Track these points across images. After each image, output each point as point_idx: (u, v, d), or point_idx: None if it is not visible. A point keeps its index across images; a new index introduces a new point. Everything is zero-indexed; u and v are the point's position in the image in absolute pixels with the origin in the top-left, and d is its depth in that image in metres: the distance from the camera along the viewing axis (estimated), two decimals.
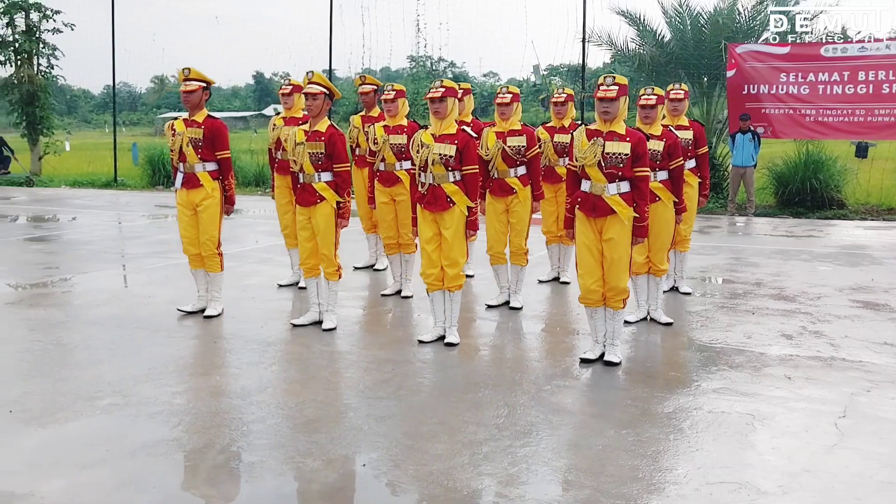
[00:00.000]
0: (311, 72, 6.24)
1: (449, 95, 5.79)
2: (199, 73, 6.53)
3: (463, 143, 5.79)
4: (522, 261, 7.05)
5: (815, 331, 6.36)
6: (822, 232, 11.88)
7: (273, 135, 7.83)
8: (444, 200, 5.79)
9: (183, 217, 6.68)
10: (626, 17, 16.13)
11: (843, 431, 4.33)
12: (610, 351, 5.53)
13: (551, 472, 3.86)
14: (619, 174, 5.31)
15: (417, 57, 24.86)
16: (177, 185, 6.68)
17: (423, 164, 5.82)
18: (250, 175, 18.85)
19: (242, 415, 4.55)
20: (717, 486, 3.70)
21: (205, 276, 6.77)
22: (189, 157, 6.53)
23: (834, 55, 13.37)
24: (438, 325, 6.04)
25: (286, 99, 7.77)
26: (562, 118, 7.81)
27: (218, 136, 6.57)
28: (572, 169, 5.52)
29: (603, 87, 5.29)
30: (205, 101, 6.62)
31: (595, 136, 5.35)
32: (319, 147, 6.14)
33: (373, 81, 8.19)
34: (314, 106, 6.14)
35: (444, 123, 5.83)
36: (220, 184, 6.64)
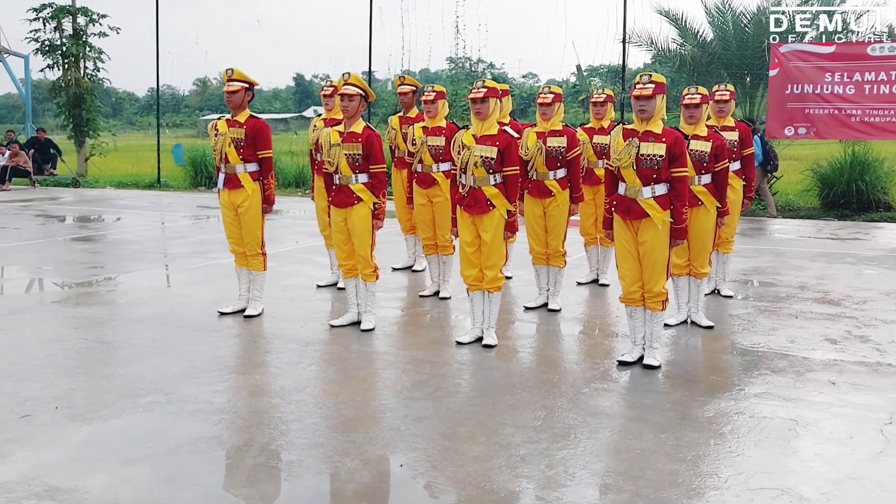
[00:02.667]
0: (348, 73, 6.24)
1: (491, 96, 5.74)
2: (242, 73, 6.56)
3: (504, 145, 5.72)
4: (560, 262, 6.99)
5: (861, 335, 6.23)
6: (868, 234, 11.65)
7: (313, 136, 7.85)
8: (484, 203, 5.74)
9: (226, 217, 6.74)
10: (667, 17, 15.97)
11: (890, 438, 4.24)
12: (649, 354, 5.47)
13: (589, 476, 3.83)
14: (654, 176, 5.22)
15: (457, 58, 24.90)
16: (219, 185, 6.73)
17: (464, 166, 5.77)
18: (290, 176, 19.00)
19: (281, 414, 4.59)
20: (758, 492, 3.64)
21: (247, 275, 6.81)
22: (231, 158, 6.56)
23: (881, 54, 13.09)
24: (476, 326, 6.01)
25: (328, 100, 7.78)
26: (601, 119, 7.74)
27: (260, 136, 6.59)
28: (611, 170, 5.46)
29: (639, 86, 5.21)
30: (248, 101, 6.64)
31: (631, 136, 5.28)
32: (356, 148, 6.13)
33: (412, 82, 8.18)
34: (350, 107, 6.13)
35: (485, 124, 5.78)
36: (260, 184, 6.66)
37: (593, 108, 7.82)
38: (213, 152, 6.76)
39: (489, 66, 45.96)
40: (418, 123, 7.45)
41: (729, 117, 7.06)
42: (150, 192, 19.04)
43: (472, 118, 5.87)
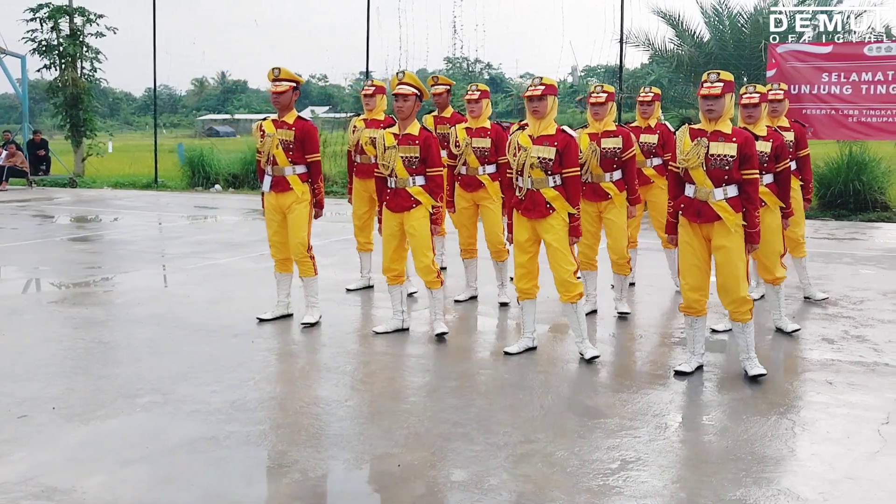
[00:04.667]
0: (402, 71, 6.08)
1: (549, 94, 5.47)
2: (289, 72, 6.32)
3: (563, 145, 5.43)
4: (626, 270, 6.74)
5: (858, 335, 6.24)
6: (865, 234, 11.67)
7: (353, 137, 7.58)
8: (543, 206, 5.46)
9: (272, 221, 6.50)
10: (664, 18, 16.02)
11: (887, 438, 4.24)
12: (750, 365, 5.20)
13: (586, 476, 3.82)
14: (725, 177, 5.03)
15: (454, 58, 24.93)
16: (265, 188, 6.48)
17: (520, 168, 5.50)
18: None
19: (280, 414, 4.59)
20: (755, 491, 3.65)
21: (289, 281, 6.64)
22: (279, 160, 6.34)
23: (878, 54, 13.12)
24: (527, 335, 5.78)
25: (368, 100, 7.49)
26: (647, 118, 7.48)
27: (309, 138, 6.37)
28: (675, 171, 5.27)
29: (707, 84, 5.01)
30: (294, 101, 6.43)
31: (699, 136, 5.10)
32: (413, 151, 5.94)
33: (446, 81, 7.94)
34: (405, 108, 5.94)
35: (542, 124, 5.50)
36: (310, 187, 6.44)
37: (640, 106, 7.52)
38: (258, 154, 6.53)
39: (487, 66, 46.02)
40: (461, 125, 7.13)
41: (783, 117, 6.83)
42: (148, 193, 19.03)
43: (528, 117, 5.59)
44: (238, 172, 19.41)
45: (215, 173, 19.58)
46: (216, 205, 16.20)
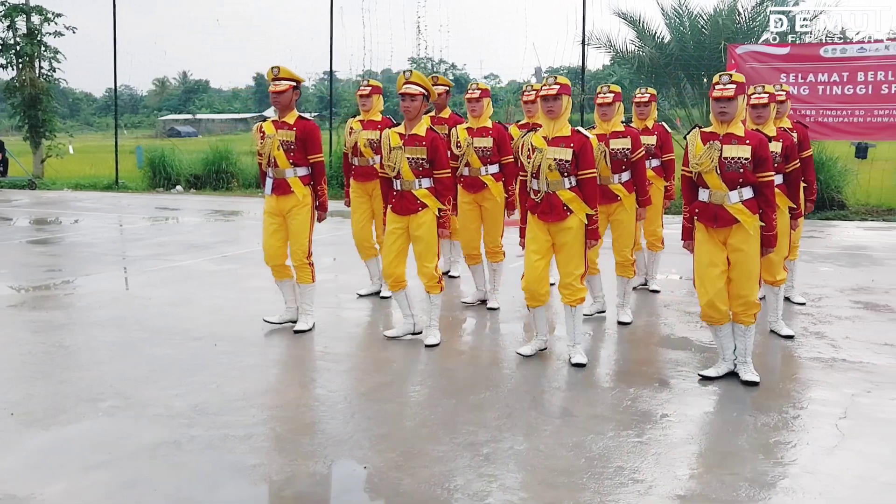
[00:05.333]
0: (409, 71, 5.95)
1: (564, 93, 5.32)
2: (288, 71, 6.11)
3: (579, 146, 5.31)
4: (629, 272, 6.63)
5: (817, 332, 6.36)
6: (822, 233, 11.88)
7: (350, 139, 7.38)
8: (560, 209, 5.33)
9: (269, 226, 6.26)
10: (625, 19, 16.14)
11: (844, 433, 4.33)
12: (744, 370, 5.15)
13: (551, 474, 3.85)
14: (740, 180, 4.94)
15: (418, 59, 24.90)
16: (266, 191, 6.29)
17: (535, 170, 5.37)
18: (250, 177, 18.88)
19: (243, 417, 4.56)
20: (717, 485, 3.70)
21: (292, 288, 6.42)
22: (280, 162, 6.14)
23: (833, 56, 13.38)
24: (540, 337, 5.71)
25: (364, 101, 7.32)
26: (644, 119, 7.42)
27: (311, 139, 6.17)
28: (688, 176, 5.17)
29: (719, 87, 4.90)
30: (295, 101, 6.23)
31: (711, 139, 5.00)
32: (420, 152, 5.78)
33: (444, 82, 7.81)
34: (412, 108, 5.78)
35: (556, 125, 5.37)
36: (312, 189, 6.26)
37: (636, 108, 7.49)
38: (258, 156, 6.33)
39: (451, 66, 46.06)
40: (461, 125, 7.06)
41: (785, 118, 6.73)
42: (109, 194, 18.77)
43: (541, 118, 5.49)
44: (200, 173, 19.23)
45: (177, 174, 19.37)
46: (178, 206, 16.04)
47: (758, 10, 15.63)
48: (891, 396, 4.90)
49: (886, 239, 11.43)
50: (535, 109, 7.35)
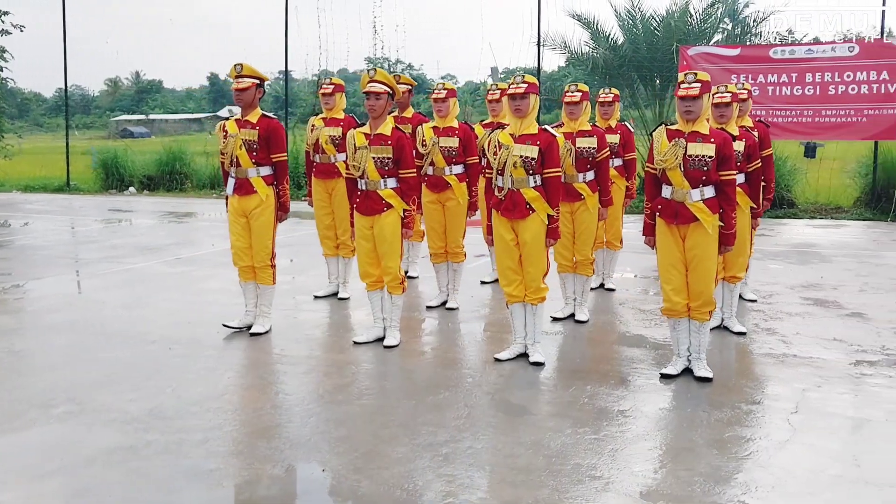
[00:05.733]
0: (374, 69, 5.89)
1: (531, 91, 5.35)
2: (252, 68, 6.06)
3: (546, 144, 5.33)
4: (589, 271, 6.66)
5: (768, 328, 6.49)
6: (773, 231, 12.12)
7: (312, 136, 7.37)
8: (523, 207, 5.36)
9: (235, 226, 6.20)
10: (579, 21, 16.28)
11: (796, 427, 4.43)
12: (698, 366, 5.24)
13: (511, 472, 3.88)
14: (702, 178, 5.01)
15: (375, 59, 24.81)
16: (228, 191, 6.22)
17: (501, 167, 5.40)
18: (205, 178, 18.66)
19: (200, 422, 4.51)
20: (670, 481, 3.76)
21: (255, 289, 6.36)
22: (242, 161, 6.08)
23: (782, 57, 13.65)
24: (518, 340, 5.68)
25: (327, 98, 7.33)
26: (608, 118, 7.46)
27: (274, 138, 6.12)
28: (652, 172, 5.24)
29: (684, 85, 4.97)
30: (258, 99, 6.15)
31: (676, 136, 5.07)
32: (386, 152, 5.74)
33: (407, 81, 7.79)
34: (377, 106, 5.73)
35: (524, 123, 5.40)
36: (275, 189, 6.21)
37: (600, 107, 7.50)
38: (221, 156, 6.26)
39: (408, 66, 46.00)
40: (427, 124, 7.05)
41: (747, 117, 6.71)
42: (60, 196, 18.40)
43: (508, 116, 5.52)
44: (153, 174, 18.97)
45: (130, 175, 19.08)
46: (131, 208, 15.80)
47: (709, 12, 15.90)
48: (840, 391, 5.02)
49: (834, 236, 11.71)
50: (499, 108, 7.42)
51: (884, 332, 6.30)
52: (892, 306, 7.16)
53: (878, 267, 9.09)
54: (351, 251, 7.37)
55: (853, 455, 4.09)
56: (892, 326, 6.47)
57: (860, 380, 5.23)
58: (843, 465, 3.96)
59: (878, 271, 8.83)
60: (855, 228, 12.51)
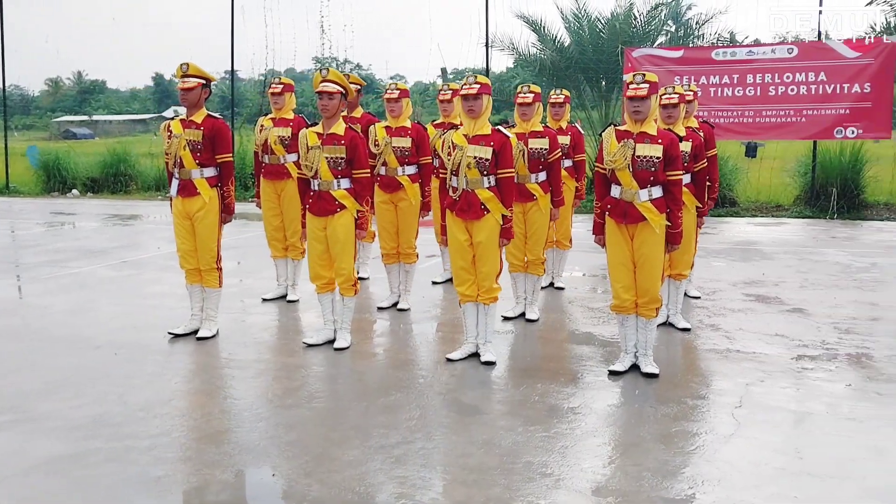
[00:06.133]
0: (326, 69, 5.83)
1: (484, 92, 5.38)
2: (198, 68, 5.98)
3: (500, 145, 5.37)
4: (540, 270, 6.68)
5: (712, 324, 6.62)
6: (715, 229, 12.36)
7: (261, 136, 7.30)
8: (477, 208, 5.40)
9: (180, 228, 6.11)
10: (526, 22, 16.43)
11: (740, 421, 4.53)
12: (645, 362, 5.34)
13: (464, 472, 3.90)
14: (650, 179, 5.09)
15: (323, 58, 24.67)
16: (172, 192, 6.11)
17: (455, 168, 5.43)
18: (150, 179, 18.35)
19: (147, 428, 4.44)
20: (618, 477, 3.82)
21: (201, 292, 6.27)
22: (186, 162, 5.98)
23: (724, 59, 13.94)
24: (470, 340, 5.69)
25: (276, 98, 7.27)
26: (559, 119, 7.48)
27: (219, 138, 6.03)
28: (601, 172, 5.29)
29: (633, 86, 5.02)
30: (204, 99, 6.06)
31: (625, 137, 5.13)
32: (339, 152, 5.69)
33: (356, 81, 7.72)
34: (330, 106, 5.68)
35: (477, 123, 5.43)
36: (219, 191, 6.10)
37: (552, 108, 7.51)
38: (166, 156, 6.15)
39: (356, 66, 45.85)
40: (380, 124, 7.01)
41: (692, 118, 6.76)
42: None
43: (462, 117, 5.52)
44: (97, 176, 18.58)
45: (73, 177, 18.66)
46: (74, 211, 15.45)
47: (653, 15, 16.16)
48: (782, 385, 5.14)
49: (775, 234, 11.99)
50: (451, 109, 7.44)
51: (823, 327, 6.48)
52: (831, 302, 7.36)
53: (817, 263, 9.34)
54: (300, 253, 7.34)
55: (795, 448, 4.19)
56: (832, 321, 6.66)
57: (801, 374, 5.37)
58: (785, 458, 4.06)
59: (818, 268, 9.07)
60: (795, 226, 12.83)
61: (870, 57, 13.11)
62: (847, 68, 13.22)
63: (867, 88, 13.15)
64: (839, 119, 13.35)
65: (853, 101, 13.21)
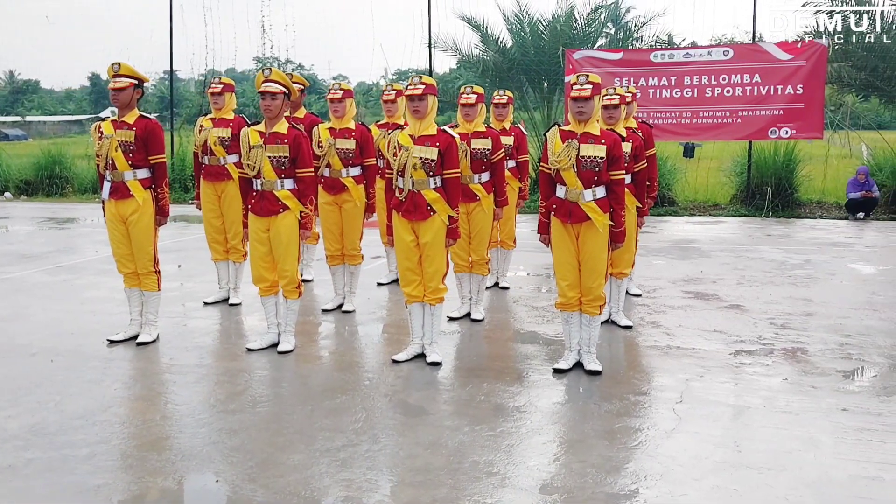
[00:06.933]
0: (269, 69, 5.74)
1: (429, 93, 5.41)
2: (130, 68, 5.86)
3: (445, 146, 5.39)
4: (484, 270, 6.71)
5: (653, 321, 6.73)
6: (655, 228, 12.57)
7: (200, 137, 7.19)
8: (424, 209, 5.41)
9: (114, 232, 5.99)
10: (469, 24, 16.49)
11: (681, 416, 4.61)
12: (588, 359, 5.40)
13: (410, 473, 3.90)
14: (594, 178, 5.14)
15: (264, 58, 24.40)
16: (104, 195, 5.98)
17: (401, 169, 5.43)
18: (87, 181, 17.91)
19: (85, 436, 4.33)
20: (561, 474, 3.86)
21: (140, 296, 6.15)
22: (118, 164, 5.85)
23: (662, 61, 14.19)
24: (416, 341, 5.70)
25: (216, 98, 7.19)
26: (502, 120, 7.52)
27: (152, 139, 5.90)
28: (546, 172, 5.32)
29: (577, 87, 5.06)
30: (137, 99, 5.95)
31: (569, 137, 5.16)
32: (282, 150, 5.63)
33: (300, 80, 7.61)
34: (273, 106, 5.62)
35: (423, 124, 5.44)
36: (153, 193, 5.98)
37: (495, 109, 7.52)
38: (97, 158, 6.03)
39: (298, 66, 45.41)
40: (323, 125, 6.94)
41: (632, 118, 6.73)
42: None
43: (407, 117, 5.50)
44: (31, 178, 18.08)
45: (5, 180, 18.13)
46: (7, 214, 15.00)
47: (593, 17, 16.37)
48: (720, 380, 5.26)
49: (713, 232, 12.25)
50: (395, 109, 7.43)
51: (760, 323, 6.64)
52: (767, 298, 7.55)
53: (753, 261, 9.57)
54: (242, 255, 7.25)
55: (734, 441, 4.29)
56: (768, 317, 6.83)
57: (739, 369, 5.50)
58: (725, 451, 4.15)
59: (754, 265, 9.29)
60: (732, 224, 13.13)
61: (802, 59, 13.48)
62: (780, 70, 13.57)
63: (800, 90, 13.51)
64: (773, 120, 13.69)
65: (786, 102, 13.56)
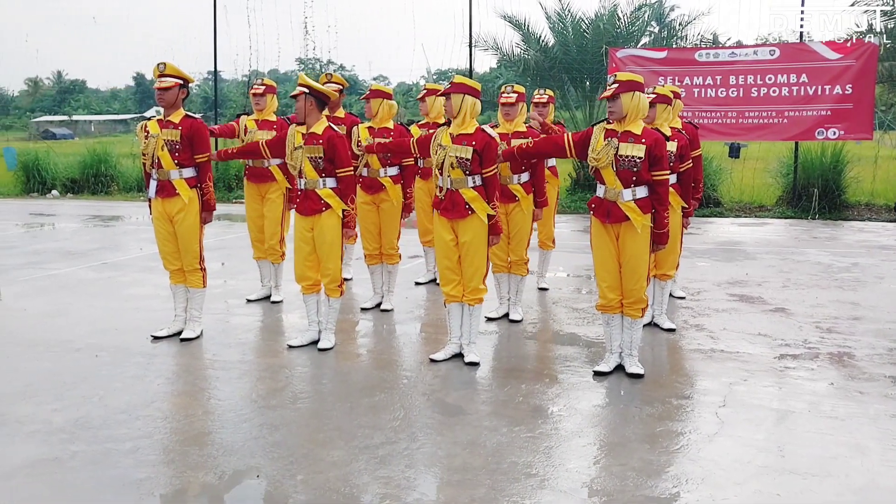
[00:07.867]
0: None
1: (455, 91, 5.40)
2: (175, 68, 5.96)
3: (482, 145, 5.36)
4: (523, 270, 6.67)
5: (697, 324, 6.64)
6: (700, 229, 12.42)
7: (247, 139, 7.26)
8: (462, 207, 5.39)
9: (161, 230, 6.08)
10: (511, 23, 16.46)
11: (724, 420, 4.54)
12: (630, 362, 5.34)
13: (448, 472, 3.88)
14: (633, 178, 5.05)
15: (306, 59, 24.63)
16: (150, 194, 6.07)
17: (440, 166, 5.46)
18: (132, 180, 18.22)
19: (129, 430, 4.39)
20: (603, 477, 3.82)
21: (185, 292, 6.24)
22: (164, 163, 5.95)
23: (707, 60, 14.01)
24: (454, 341, 5.69)
25: (258, 99, 7.30)
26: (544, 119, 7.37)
27: (197, 138, 5.99)
28: (558, 143, 5.35)
29: (607, 88, 5.08)
30: (182, 99, 6.04)
31: (611, 135, 5.10)
32: (317, 151, 5.67)
33: (339, 81, 7.67)
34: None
35: (459, 123, 5.44)
36: (198, 191, 6.06)
37: (535, 107, 7.40)
38: (143, 157, 6.11)
39: (340, 67, 45.81)
40: (363, 124, 6.99)
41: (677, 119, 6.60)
42: None
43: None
44: (77, 177, 18.46)
45: (52, 178, 18.52)
46: (54, 212, 15.32)
47: (636, 16, 16.23)
48: (764, 384, 5.16)
49: (758, 234, 12.06)
50: (426, 108, 7.43)
51: (805, 327, 6.51)
52: (812, 301, 7.40)
53: (799, 263, 9.39)
54: (280, 256, 7.32)
55: (778, 445, 4.21)
56: (813, 321, 6.70)
57: (784, 373, 5.40)
58: (768, 456, 4.07)
59: (800, 267, 9.12)
60: (777, 226, 12.91)
61: (851, 58, 13.21)
62: (829, 70, 13.32)
63: (849, 90, 13.25)
64: (821, 120, 13.44)
65: (835, 102, 13.31)
